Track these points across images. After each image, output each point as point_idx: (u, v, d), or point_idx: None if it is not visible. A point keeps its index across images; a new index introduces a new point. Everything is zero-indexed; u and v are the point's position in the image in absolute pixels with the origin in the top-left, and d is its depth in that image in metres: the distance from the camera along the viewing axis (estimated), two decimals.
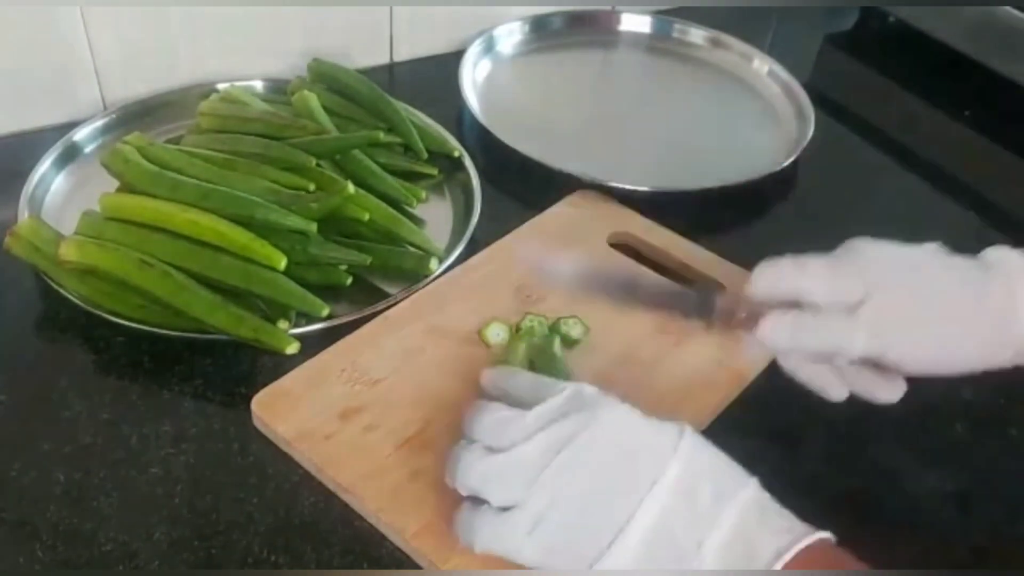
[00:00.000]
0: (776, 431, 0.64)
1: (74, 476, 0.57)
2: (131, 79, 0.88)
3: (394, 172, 0.81)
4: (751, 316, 0.56)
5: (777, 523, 0.47)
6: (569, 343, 0.67)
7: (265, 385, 0.62)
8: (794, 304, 0.55)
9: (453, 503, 0.56)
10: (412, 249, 0.74)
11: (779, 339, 0.55)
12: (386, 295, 0.71)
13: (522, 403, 0.51)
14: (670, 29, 1.11)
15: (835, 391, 0.56)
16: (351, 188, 0.71)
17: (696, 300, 0.59)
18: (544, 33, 1.08)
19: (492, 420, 0.50)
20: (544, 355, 0.64)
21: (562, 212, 0.80)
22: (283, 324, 0.66)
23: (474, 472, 0.49)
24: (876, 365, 0.55)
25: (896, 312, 0.53)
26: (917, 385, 0.56)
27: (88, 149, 0.83)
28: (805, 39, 1.19)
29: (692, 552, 0.45)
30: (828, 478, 0.62)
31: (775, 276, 0.56)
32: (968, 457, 0.65)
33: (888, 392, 0.55)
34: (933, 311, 0.54)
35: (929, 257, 0.56)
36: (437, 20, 1.02)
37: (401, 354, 0.66)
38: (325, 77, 0.88)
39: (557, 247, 0.76)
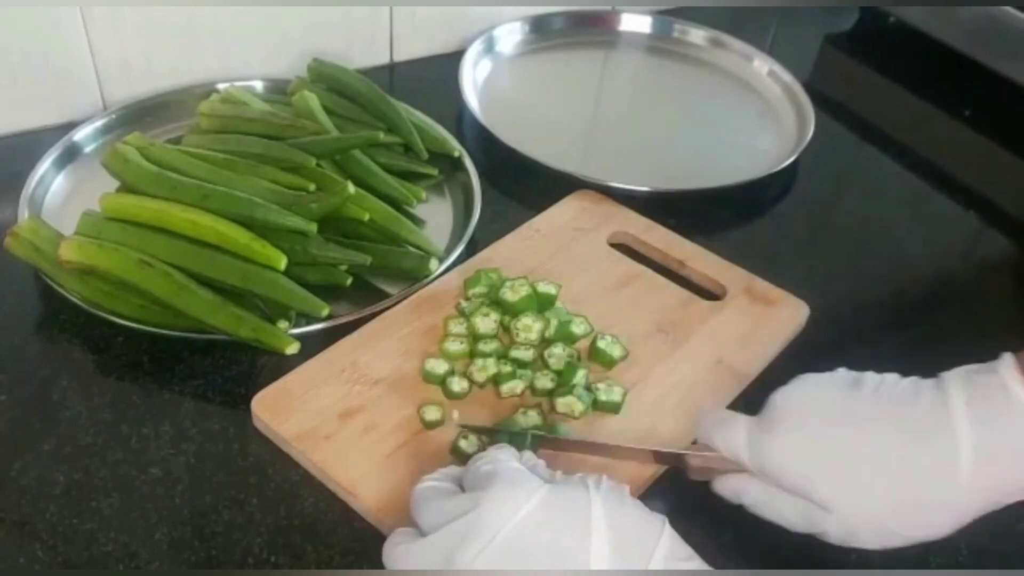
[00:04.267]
0: None
1: (74, 476, 0.57)
2: (131, 79, 0.88)
3: (394, 172, 0.81)
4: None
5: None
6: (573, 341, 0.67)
7: (265, 385, 0.62)
8: None
9: None
10: (412, 249, 0.74)
11: (731, 500, 0.55)
12: (386, 295, 0.71)
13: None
14: (670, 29, 1.11)
15: None
16: (351, 188, 0.71)
17: (670, 461, 0.59)
18: (544, 33, 1.08)
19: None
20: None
21: (562, 212, 0.80)
22: (283, 324, 0.66)
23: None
24: None
25: (852, 521, 0.51)
26: None
27: (88, 149, 0.83)
28: (805, 39, 1.19)
29: None
30: None
31: (718, 444, 0.54)
32: None
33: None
34: (887, 506, 0.50)
35: (878, 420, 0.50)
36: (437, 20, 1.02)
37: (401, 354, 0.66)
38: (325, 77, 0.88)
39: (555, 247, 0.76)
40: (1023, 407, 0.47)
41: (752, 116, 1.00)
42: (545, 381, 0.64)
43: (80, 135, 0.83)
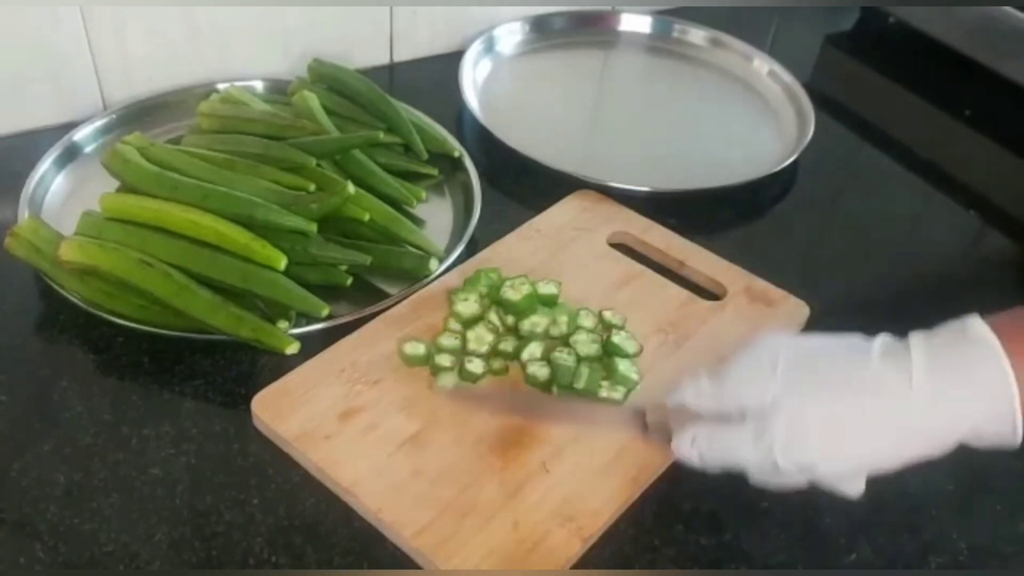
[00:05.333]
0: None
1: (74, 476, 0.57)
2: (131, 79, 0.88)
3: (394, 172, 0.81)
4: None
5: None
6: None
7: (265, 385, 0.62)
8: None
9: (452, 502, 0.56)
10: (412, 249, 0.74)
11: (685, 455, 0.54)
12: (386, 295, 0.71)
13: None
14: (670, 29, 1.11)
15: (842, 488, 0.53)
16: (351, 188, 0.71)
17: (627, 417, 0.60)
18: (544, 33, 1.08)
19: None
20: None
21: (562, 212, 0.80)
22: (283, 324, 0.66)
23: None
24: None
25: (787, 425, 0.50)
26: None
27: (88, 149, 0.83)
28: (805, 39, 1.19)
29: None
30: None
31: (679, 395, 0.55)
32: (968, 457, 0.65)
33: (849, 487, 0.52)
34: (841, 416, 0.50)
35: (839, 352, 0.52)
36: (437, 20, 1.02)
37: (401, 354, 0.66)
38: (325, 77, 0.88)
39: (555, 247, 0.76)
40: (982, 342, 0.48)
41: (752, 116, 1.00)
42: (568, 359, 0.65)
43: (80, 135, 0.83)
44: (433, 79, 0.98)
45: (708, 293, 0.74)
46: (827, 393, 0.50)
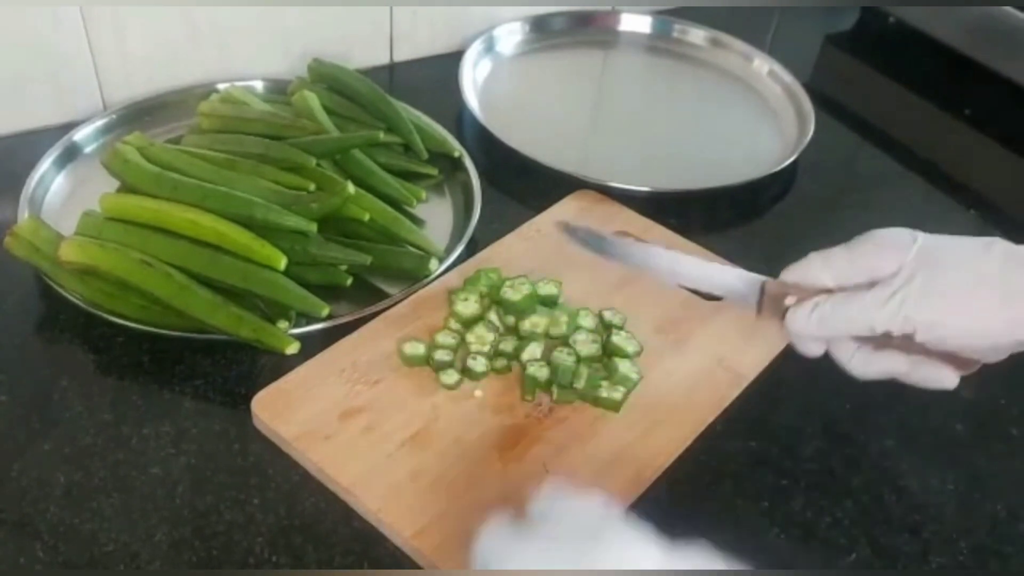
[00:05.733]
0: (776, 431, 0.65)
1: (74, 476, 0.57)
2: (131, 79, 0.88)
3: (394, 172, 0.81)
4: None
5: None
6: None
7: (265, 385, 0.62)
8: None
9: (452, 501, 0.56)
10: (412, 249, 0.74)
11: (802, 325, 0.54)
12: (386, 295, 0.71)
13: None
14: (670, 29, 1.11)
15: (922, 376, 0.55)
16: (351, 188, 0.71)
17: (745, 285, 0.59)
18: (544, 33, 1.08)
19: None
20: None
21: (562, 212, 0.80)
22: (283, 324, 0.66)
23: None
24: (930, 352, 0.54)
25: (921, 285, 0.52)
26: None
27: (88, 149, 0.83)
28: (805, 39, 1.19)
29: None
30: (828, 477, 0.62)
31: (803, 268, 0.55)
32: (968, 457, 0.65)
33: (948, 378, 0.54)
34: (959, 284, 0.52)
35: (968, 244, 0.54)
36: (437, 20, 1.02)
37: (401, 354, 0.66)
38: (325, 77, 0.88)
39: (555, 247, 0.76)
40: None
41: (752, 116, 1.00)
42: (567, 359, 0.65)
43: (80, 135, 0.83)
44: (433, 79, 0.98)
45: (708, 293, 0.74)
46: (958, 267, 0.52)
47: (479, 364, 0.64)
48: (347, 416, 0.61)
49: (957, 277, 0.52)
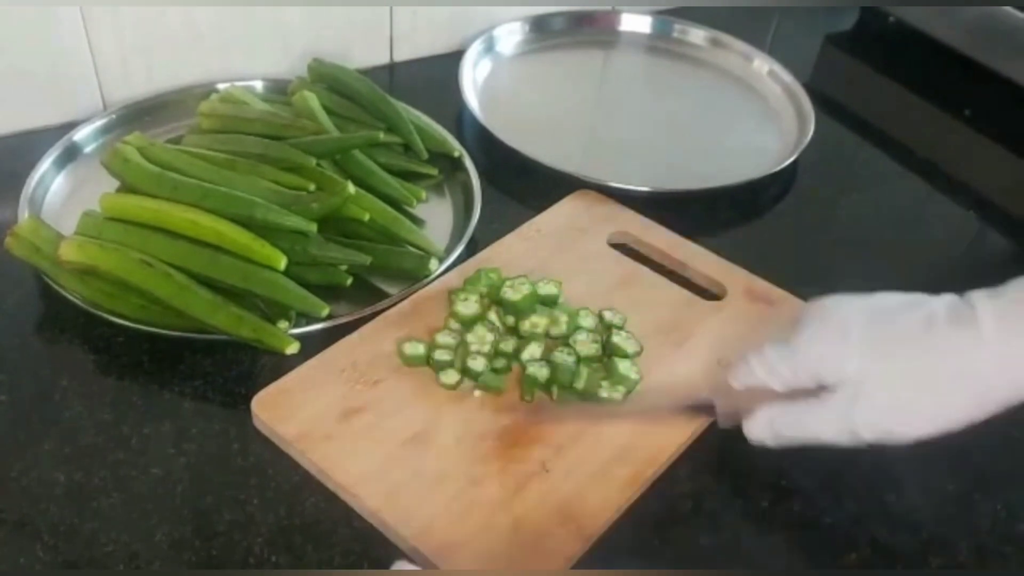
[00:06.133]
0: None
1: (74, 476, 0.57)
2: (131, 79, 0.88)
3: (394, 172, 0.81)
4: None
5: None
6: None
7: (265, 385, 0.62)
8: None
9: (452, 502, 0.56)
10: (412, 249, 0.74)
11: (762, 437, 0.56)
12: (386, 295, 0.71)
13: None
14: (670, 29, 1.11)
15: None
16: (351, 188, 0.71)
17: (692, 411, 0.61)
18: (544, 33, 1.08)
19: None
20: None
21: (562, 212, 0.80)
22: (283, 324, 0.66)
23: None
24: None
25: (868, 402, 0.52)
26: None
27: (88, 149, 0.83)
28: (805, 39, 1.19)
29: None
30: (828, 477, 0.62)
31: (746, 374, 0.56)
32: (968, 457, 0.65)
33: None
34: (906, 390, 0.52)
35: (908, 313, 0.53)
36: (437, 20, 1.02)
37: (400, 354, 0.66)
38: (325, 77, 0.88)
39: (555, 247, 0.76)
40: None
41: (752, 116, 1.00)
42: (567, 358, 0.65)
43: (80, 135, 0.83)
44: (433, 79, 0.98)
45: (708, 293, 0.74)
46: (903, 358, 0.51)
47: (478, 363, 0.64)
48: (347, 416, 0.61)
49: (903, 384, 0.51)
